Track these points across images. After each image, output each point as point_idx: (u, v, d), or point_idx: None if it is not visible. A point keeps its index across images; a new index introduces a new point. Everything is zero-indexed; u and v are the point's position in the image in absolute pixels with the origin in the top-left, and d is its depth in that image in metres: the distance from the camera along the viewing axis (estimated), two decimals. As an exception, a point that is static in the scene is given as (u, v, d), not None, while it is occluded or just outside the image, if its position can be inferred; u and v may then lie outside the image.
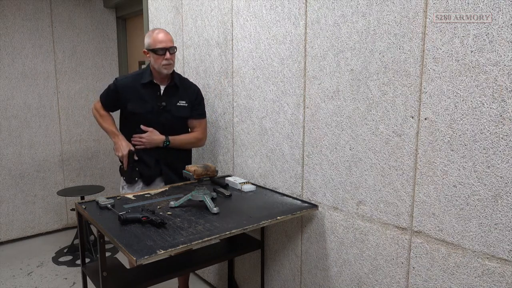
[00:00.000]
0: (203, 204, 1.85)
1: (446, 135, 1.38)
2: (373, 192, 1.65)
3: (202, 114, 2.41)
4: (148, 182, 2.34)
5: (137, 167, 2.30)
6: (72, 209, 3.88)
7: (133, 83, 2.27)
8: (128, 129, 2.31)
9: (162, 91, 2.29)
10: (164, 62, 2.19)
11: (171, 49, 2.22)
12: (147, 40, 2.25)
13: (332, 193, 1.83)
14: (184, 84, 2.38)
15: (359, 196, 1.71)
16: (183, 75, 2.78)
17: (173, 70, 2.31)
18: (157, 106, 2.26)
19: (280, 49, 2.01)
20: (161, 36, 2.21)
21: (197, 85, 2.47)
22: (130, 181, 2.32)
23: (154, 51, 2.19)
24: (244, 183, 2.18)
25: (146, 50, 2.26)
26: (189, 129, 2.41)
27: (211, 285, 2.84)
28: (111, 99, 2.32)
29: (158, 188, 2.20)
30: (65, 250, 3.49)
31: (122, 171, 2.35)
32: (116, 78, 2.36)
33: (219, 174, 2.42)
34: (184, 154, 2.43)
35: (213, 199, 1.94)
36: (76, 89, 3.95)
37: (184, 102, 2.32)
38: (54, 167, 3.88)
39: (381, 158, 1.60)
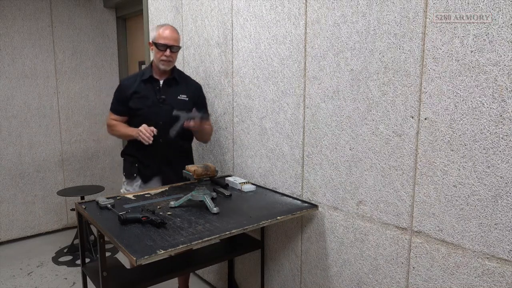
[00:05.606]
0: (203, 204, 1.85)
1: (446, 135, 1.38)
2: (373, 192, 1.65)
3: (207, 114, 2.29)
4: (145, 180, 2.36)
5: (137, 164, 2.33)
6: (72, 209, 3.88)
7: (135, 81, 2.31)
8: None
9: (161, 85, 2.31)
10: (163, 57, 2.22)
11: (173, 48, 2.24)
12: (153, 33, 2.28)
13: (332, 193, 1.83)
14: (185, 80, 2.40)
15: (359, 196, 1.71)
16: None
17: (174, 66, 2.34)
18: (157, 100, 2.27)
19: (280, 49, 2.01)
20: (166, 32, 2.24)
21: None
22: (129, 176, 2.36)
23: (156, 45, 2.23)
24: (244, 183, 2.18)
25: (150, 42, 2.30)
26: None
27: (211, 285, 2.84)
28: (117, 100, 2.33)
29: (158, 188, 2.20)
30: (65, 250, 3.49)
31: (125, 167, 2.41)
32: (120, 80, 2.37)
33: (219, 174, 2.42)
34: (183, 154, 2.43)
35: (213, 199, 1.94)
36: (76, 89, 3.95)
37: (185, 96, 2.33)
38: (54, 167, 3.88)
39: (381, 158, 1.60)
